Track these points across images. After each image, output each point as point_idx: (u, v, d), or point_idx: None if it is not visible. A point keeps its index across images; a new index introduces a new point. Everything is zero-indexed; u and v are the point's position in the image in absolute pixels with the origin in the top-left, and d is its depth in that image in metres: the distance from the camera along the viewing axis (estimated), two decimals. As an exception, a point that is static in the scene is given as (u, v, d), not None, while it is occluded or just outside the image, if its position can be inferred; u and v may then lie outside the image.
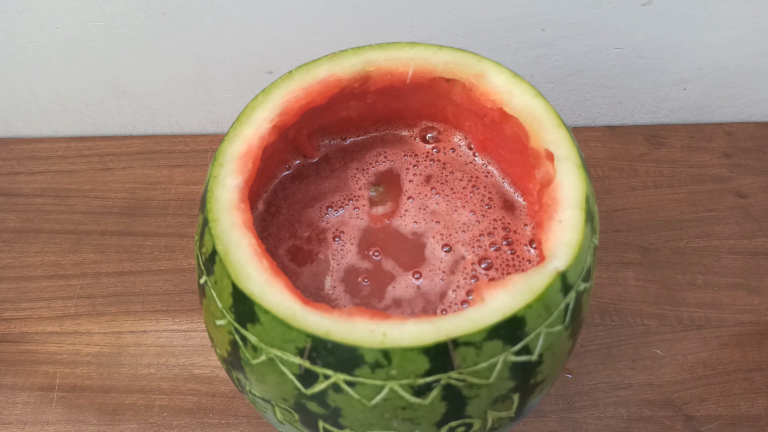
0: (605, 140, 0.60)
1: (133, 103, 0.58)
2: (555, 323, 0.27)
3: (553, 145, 0.30)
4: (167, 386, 0.48)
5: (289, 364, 0.26)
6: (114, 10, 0.49)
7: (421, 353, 0.25)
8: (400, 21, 0.51)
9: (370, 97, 0.35)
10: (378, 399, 0.26)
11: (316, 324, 0.26)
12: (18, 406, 0.47)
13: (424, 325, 0.25)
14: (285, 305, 0.26)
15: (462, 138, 0.38)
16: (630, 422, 0.46)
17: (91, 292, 0.52)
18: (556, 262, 0.27)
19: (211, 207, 0.29)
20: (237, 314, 0.27)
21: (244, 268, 0.27)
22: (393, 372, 0.25)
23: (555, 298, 0.27)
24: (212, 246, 0.28)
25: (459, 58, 0.33)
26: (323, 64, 0.33)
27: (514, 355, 0.26)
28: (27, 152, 0.59)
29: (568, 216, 0.28)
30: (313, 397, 0.27)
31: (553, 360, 0.28)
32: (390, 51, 0.33)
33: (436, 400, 0.26)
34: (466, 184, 0.37)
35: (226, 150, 0.31)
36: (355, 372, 0.26)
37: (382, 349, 0.25)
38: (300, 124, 0.35)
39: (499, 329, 0.26)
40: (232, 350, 0.29)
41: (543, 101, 0.31)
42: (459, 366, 0.26)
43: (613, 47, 0.54)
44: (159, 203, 0.56)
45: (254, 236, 0.28)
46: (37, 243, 0.54)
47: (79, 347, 0.49)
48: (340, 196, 0.36)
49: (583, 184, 0.29)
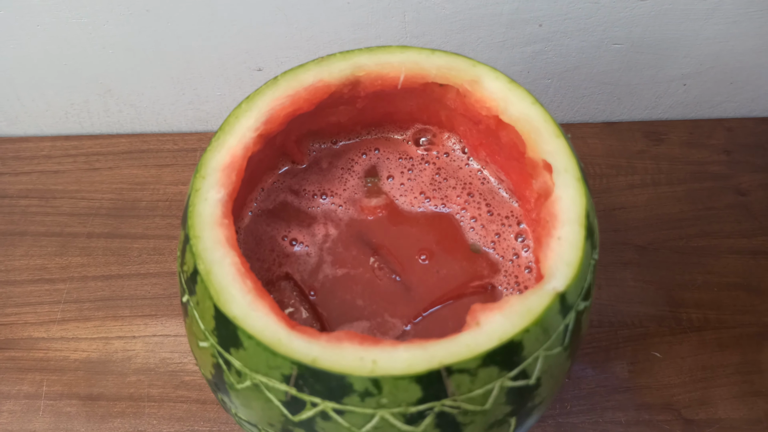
0: (603, 137, 0.59)
1: (120, 101, 0.56)
2: (554, 346, 0.26)
3: (552, 155, 0.29)
4: (156, 393, 0.47)
5: (275, 390, 0.25)
6: (97, 7, 0.48)
7: (413, 381, 0.24)
8: (393, 17, 0.49)
9: (360, 102, 0.33)
10: (368, 427, 0.25)
11: (302, 350, 0.24)
12: (4, 414, 0.46)
13: (415, 352, 0.24)
14: (270, 330, 0.25)
15: (456, 141, 0.37)
16: (628, 426, 0.45)
17: (78, 296, 0.51)
18: (555, 282, 0.26)
19: (193, 223, 0.27)
20: (220, 338, 0.26)
21: (227, 290, 0.26)
22: (384, 401, 0.24)
23: (554, 321, 0.26)
24: (194, 265, 0.27)
25: (453, 62, 0.31)
26: (310, 70, 0.31)
27: (510, 380, 0.25)
28: (11, 152, 0.58)
29: (567, 232, 0.27)
30: (300, 424, 0.26)
31: (552, 382, 0.27)
32: (380, 55, 0.32)
33: (429, 427, 0.25)
34: (461, 192, 0.35)
35: (208, 161, 0.29)
36: (344, 400, 0.24)
37: (372, 378, 0.24)
38: (288, 130, 0.34)
39: (495, 355, 0.25)
40: (216, 373, 0.27)
41: (540, 109, 0.30)
42: (453, 393, 0.25)
43: (612, 43, 0.52)
44: (147, 204, 0.55)
45: (238, 254, 0.26)
46: (22, 246, 0.53)
47: (66, 353, 0.48)
48: (330, 193, 0.35)
49: (583, 198, 0.28)
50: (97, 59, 0.52)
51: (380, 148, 0.37)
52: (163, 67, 0.53)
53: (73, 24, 0.49)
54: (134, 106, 0.56)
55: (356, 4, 0.48)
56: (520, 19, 0.50)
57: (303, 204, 0.35)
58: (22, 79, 0.54)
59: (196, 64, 0.53)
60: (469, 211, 0.35)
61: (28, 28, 0.49)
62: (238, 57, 0.52)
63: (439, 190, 0.36)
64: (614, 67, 0.55)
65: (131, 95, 0.56)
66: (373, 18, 0.49)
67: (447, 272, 0.33)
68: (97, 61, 0.52)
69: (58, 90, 0.55)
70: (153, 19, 0.49)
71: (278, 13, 0.49)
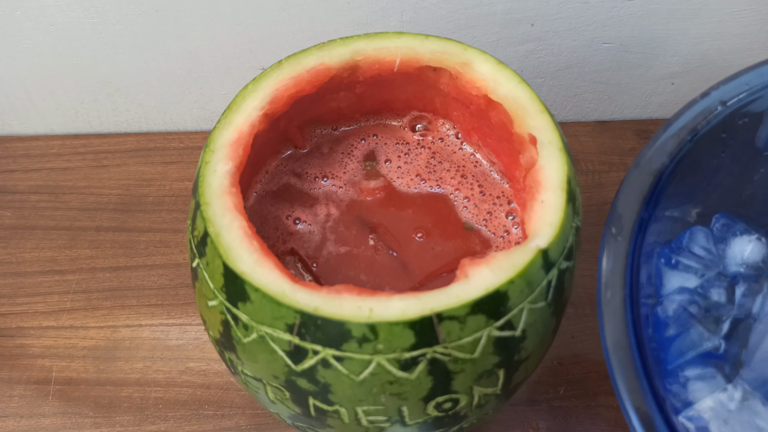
0: (595, 135, 0.60)
1: (127, 100, 0.58)
2: (538, 300, 0.28)
3: (537, 130, 0.31)
4: (162, 379, 0.48)
5: (279, 341, 0.27)
6: (107, 7, 0.50)
7: (406, 327, 0.26)
8: (391, 17, 0.51)
9: (359, 87, 0.35)
10: (366, 374, 0.26)
11: (304, 300, 0.26)
12: (14, 399, 0.47)
13: (409, 301, 0.26)
14: (275, 283, 0.27)
15: (451, 127, 0.39)
16: (619, 410, 0.47)
17: (86, 287, 0.52)
18: (538, 240, 0.28)
19: (203, 191, 0.29)
20: (228, 293, 0.28)
21: (236, 250, 0.28)
22: (380, 346, 0.26)
23: (537, 275, 0.28)
24: (204, 229, 0.29)
25: (445, 47, 0.34)
26: (312, 54, 0.34)
27: (497, 330, 0.27)
28: (22, 150, 0.60)
29: (550, 197, 0.29)
30: (302, 373, 0.27)
31: (537, 337, 0.29)
32: (378, 41, 0.34)
33: (423, 374, 0.27)
34: (454, 174, 0.37)
35: (217, 137, 0.31)
36: (343, 347, 0.26)
37: (368, 324, 0.26)
38: (291, 115, 0.36)
39: (482, 304, 0.26)
40: (224, 330, 0.29)
41: (527, 88, 0.32)
42: (444, 340, 0.26)
43: (602, 42, 0.55)
44: (153, 199, 0.57)
45: (245, 219, 0.28)
46: (32, 239, 0.55)
47: (75, 341, 0.50)
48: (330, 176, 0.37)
49: (565, 166, 0.30)
50: (107, 58, 0.54)
51: (378, 134, 0.39)
52: (170, 67, 0.55)
53: (85, 23, 0.51)
54: (141, 104, 0.59)
55: (356, 4, 0.50)
56: (513, 18, 0.52)
57: (305, 186, 0.37)
58: (33, 78, 0.56)
59: (202, 64, 0.55)
60: (463, 191, 0.37)
61: (41, 28, 0.52)
62: (242, 56, 0.54)
63: (434, 172, 0.37)
64: (605, 66, 0.57)
65: (139, 94, 0.58)
66: (373, 17, 0.51)
67: (442, 248, 0.35)
68: (106, 60, 0.54)
69: (67, 89, 0.57)
70: (161, 19, 0.51)
71: (281, 13, 0.51)
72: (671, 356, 0.32)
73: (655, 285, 0.34)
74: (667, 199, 0.33)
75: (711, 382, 0.31)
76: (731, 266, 0.35)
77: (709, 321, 0.32)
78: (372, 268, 0.34)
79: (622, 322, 0.29)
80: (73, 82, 0.56)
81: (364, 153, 0.38)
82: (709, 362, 0.32)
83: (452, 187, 0.37)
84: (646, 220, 0.31)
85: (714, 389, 0.30)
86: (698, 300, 0.33)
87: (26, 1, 0.50)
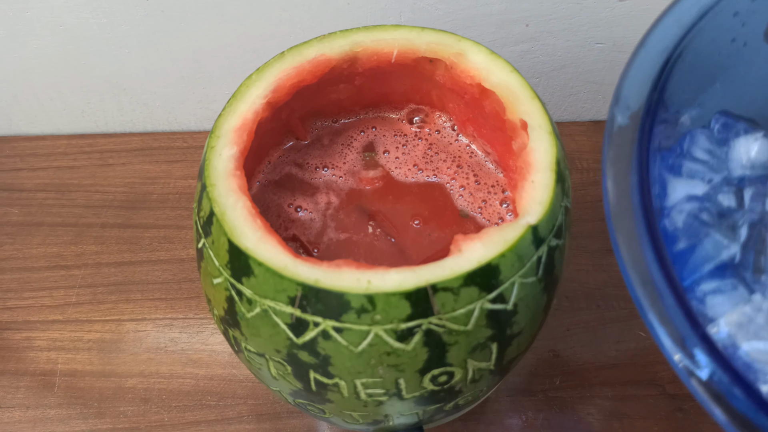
0: (590, 134, 0.62)
1: (133, 100, 0.59)
2: (528, 274, 0.29)
3: (527, 115, 0.32)
4: (166, 370, 0.49)
5: (281, 314, 0.28)
6: (115, 8, 0.51)
7: (403, 298, 0.27)
8: (390, 17, 0.53)
9: (359, 78, 0.37)
10: (364, 345, 0.28)
11: (306, 273, 0.27)
12: (21, 390, 0.48)
13: (405, 274, 0.27)
14: (277, 258, 0.28)
15: (447, 120, 0.40)
16: (615, 401, 0.48)
17: (92, 281, 0.53)
18: (528, 217, 0.29)
19: (209, 174, 0.31)
20: (233, 269, 0.29)
21: (240, 227, 0.29)
22: (377, 317, 0.27)
23: (527, 250, 0.29)
24: (210, 209, 0.30)
25: (440, 38, 0.35)
26: (313, 45, 0.35)
27: (489, 302, 0.28)
28: (29, 149, 0.61)
29: (540, 177, 0.30)
30: (304, 346, 0.28)
31: (528, 312, 0.30)
32: (376, 33, 0.35)
33: (418, 345, 0.28)
34: (451, 164, 0.39)
35: (222, 124, 0.33)
36: (342, 318, 0.27)
37: (367, 295, 0.27)
38: (293, 107, 0.37)
39: (475, 276, 0.28)
40: (228, 307, 0.30)
41: (518, 76, 0.33)
42: (438, 311, 0.28)
43: (595, 42, 0.56)
44: (158, 197, 0.58)
45: (249, 200, 0.30)
46: (39, 235, 0.56)
47: (80, 334, 0.51)
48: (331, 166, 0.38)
49: (554, 148, 0.31)
50: (113, 59, 0.56)
51: (377, 126, 0.40)
52: (175, 68, 0.57)
53: (93, 24, 0.53)
54: (146, 104, 0.60)
55: (356, 4, 0.52)
56: (509, 19, 0.53)
57: (306, 176, 0.38)
58: (41, 78, 0.58)
59: (206, 65, 0.57)
60: (458, 180, 0.38)
61: (51, 28, 0.53)
62: (244, 57, 0.56)
63: (431, 162, 0.39)
64: (598, 66, 0.58)
65: (144, 94, 0.59)
66: (372, 18, 0.53)
67: (438, 235, 0.36)
68: (113, 60, 0.56)
69: (74, 89, 0.58)
70: (166, 20, 0.53)
71: (282, 13, 0.52)
72: (686, 271, 0.29)
73: (659, 196, 0.31)
74: (672, 94, 0.30)
75: (732, 295, 0.28)
76: (736, 169, 0.31)
77: (724, 228, 0.29)
78: (371, 254, 0.35)
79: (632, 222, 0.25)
80: (80, 82, 0.58)
81: (363, 144, 0.39)
82: (726, 273, 0.29)
83: (448, 176, 0.38)
84: (654, 104, 0.29)
85: (737, 302, 0.28)
86: (709, 207, 0.30)
87: (37, 2, 0.51)
